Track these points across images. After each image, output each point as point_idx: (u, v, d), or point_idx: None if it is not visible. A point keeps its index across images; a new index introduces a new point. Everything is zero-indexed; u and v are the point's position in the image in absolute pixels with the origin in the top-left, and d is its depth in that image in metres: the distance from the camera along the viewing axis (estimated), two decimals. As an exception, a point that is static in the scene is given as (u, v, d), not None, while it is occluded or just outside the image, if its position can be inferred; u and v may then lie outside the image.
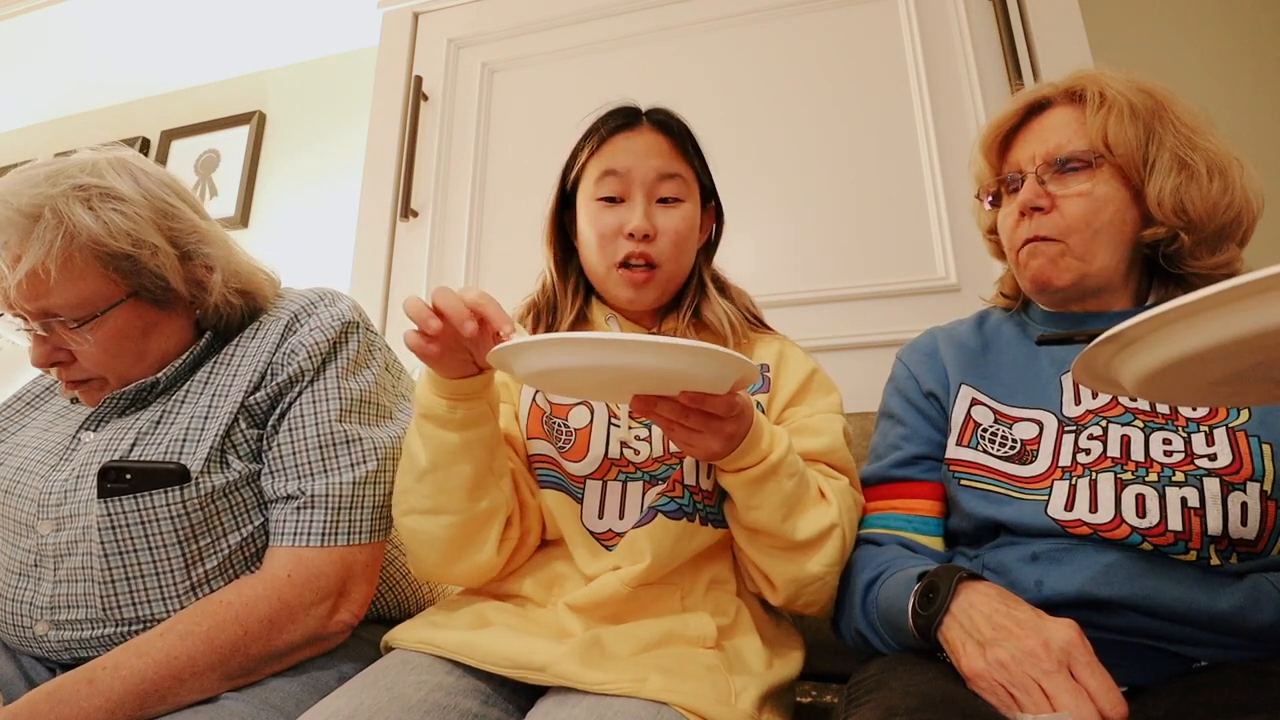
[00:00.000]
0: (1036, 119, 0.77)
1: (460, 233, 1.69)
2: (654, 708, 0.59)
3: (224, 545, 0.74)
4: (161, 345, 0.78)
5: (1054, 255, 0.73)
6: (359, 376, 0.80)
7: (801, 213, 1.49)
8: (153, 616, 0.71)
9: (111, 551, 0.70)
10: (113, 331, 0.74)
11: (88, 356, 0.75)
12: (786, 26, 1.61)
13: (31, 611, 0.73)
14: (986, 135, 0.81)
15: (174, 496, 0.71)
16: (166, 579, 0.71)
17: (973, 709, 0.50)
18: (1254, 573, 0.61)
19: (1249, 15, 1.52)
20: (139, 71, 2.31)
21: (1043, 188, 0.74)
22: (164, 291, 0.76)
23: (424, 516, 0.71)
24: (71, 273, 0.71)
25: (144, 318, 0.76)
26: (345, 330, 0.80)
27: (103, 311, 0.73)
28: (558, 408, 0.81)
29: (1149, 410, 0.69)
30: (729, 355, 0.53)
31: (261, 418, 0.77)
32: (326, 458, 0.75)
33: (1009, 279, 0.85)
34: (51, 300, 0.71)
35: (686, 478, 0.76)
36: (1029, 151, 0.76)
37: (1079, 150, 0.73)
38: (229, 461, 0.75)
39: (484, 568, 0.74)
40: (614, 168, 0.81)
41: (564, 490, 0.78)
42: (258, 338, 0.80)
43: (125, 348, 0.76)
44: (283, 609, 0.70)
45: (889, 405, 0.85)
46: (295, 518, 0.73)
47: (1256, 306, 0.33)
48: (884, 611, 0.67)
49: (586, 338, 0.54)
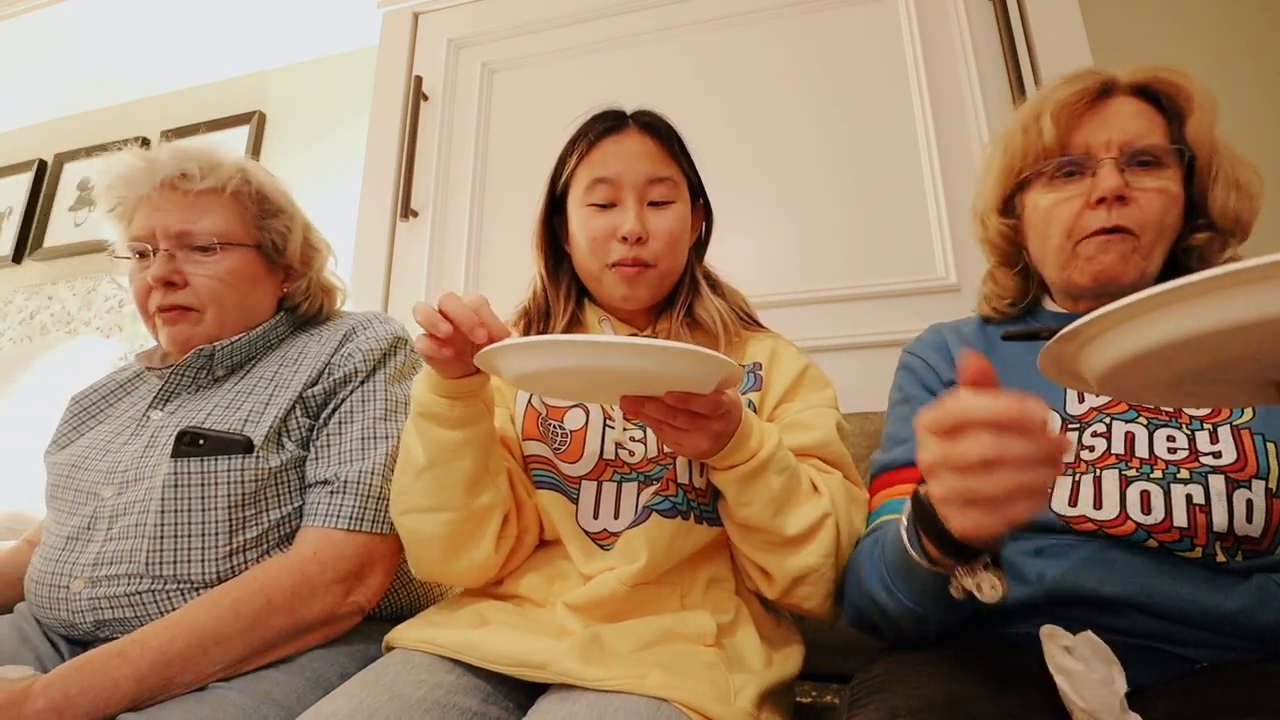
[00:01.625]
0: (1103, 103, 0.73)
1: (460, 233, 1.69)
2: (654, 704, 0.59)
3: (265, 519, 0.79)
4: (254, 304, 0.91)
5: (1126, 251, 0.70)
6: (404, 385, 0.88)
7: (801, 213, 1.49)
8: (189, 576, 0.76)
9: (169, 509, 0.76)
10: (232, 267, 0.87)
11: (201, 284, 0.86)
12: (786, 26, 1.61)
13: (73, 570, 0.77)
14: (1064, 101, 0.72)
15: (235, 464, 0.78)
16: (210, 541, 0.76)
17: (978, 711, 0.50)
18: (1259, 572, 0.61)
19: (1249, 16, 1.52)
20: (139, 71, 2.31)
21: (1123, 176, 0.69)
22: (279, 254, 0.92)
23: (423, 515, 0.72)
24: (234, 206, 0.88)
25: (255, 269, 0.90)
26: (395, 344, 0.91)
27: (233, 245, 0.87)
28: (553, 410, 0.81)
29: (1152, 408, 0.69)
30: (708, 355, 0.53)
31: (315, 410, 0.85)
32: (365, 449, 0.82)
33: (1006, 285, 0.82)
34: (201, 224, 0.86)
35: (680, 476, 0.76)
36: (1102, 135, 0.71)
37: (1157, 145, 0.70)
38: (284, 444, 0.82)
39: (482, 565, 0.74)
40: (604, 175, 0.81)
41: (560, 491, 0.78)
42: (320, 341, 0.90)
43: (234, 287, 0.87)
44: (305, 583, 0.74)
45: (909, 392, 0.82)
46: (328, 500, 0.79)
47: (1202, 306, 0.33)
48: (890, 560, 0.64)
49: (570, 340, 0.55)
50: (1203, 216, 0.72)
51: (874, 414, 1.17)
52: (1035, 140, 0.74)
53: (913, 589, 0.61)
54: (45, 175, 2.42)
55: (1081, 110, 0.72)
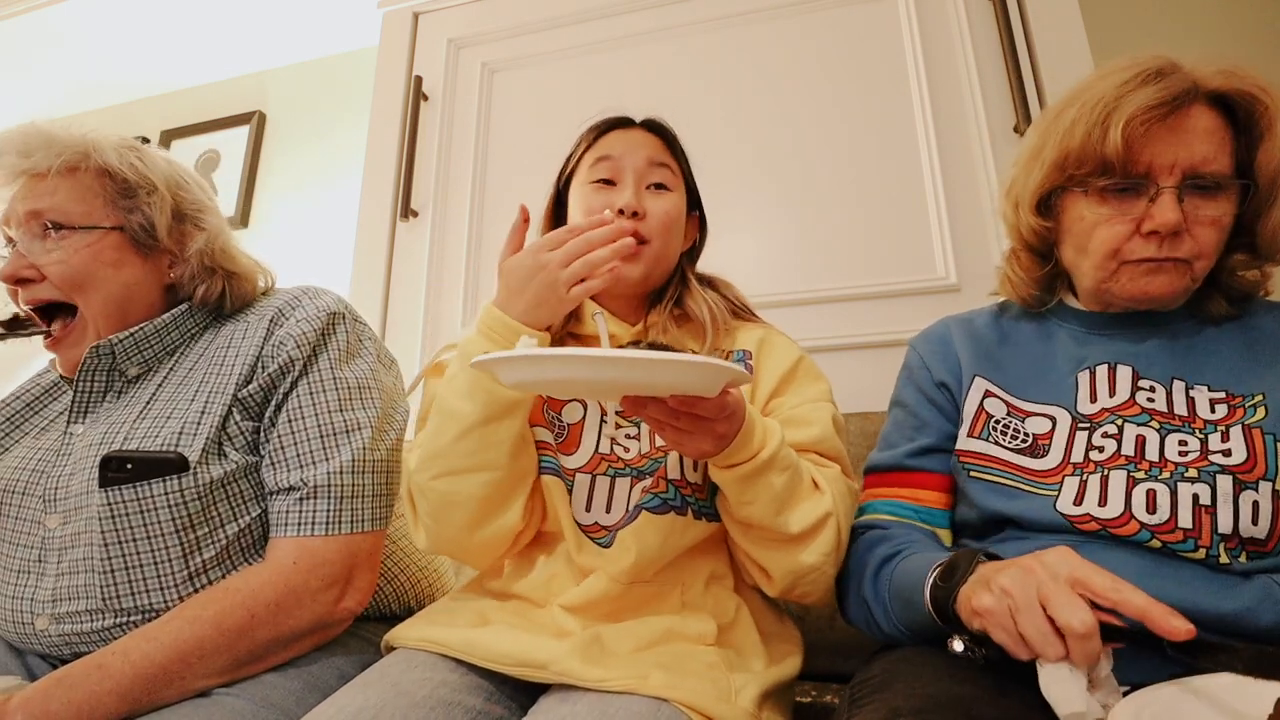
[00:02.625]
0: (1178, 115, 0.66)
1: (460, 233, 1.69)
2: (654, 704, 0.60)
3: (221, 536, 0.74)
4: (130, 291, 0.81)
5: (1176, 276, 0.68)
6: (353, 365, 0.81)
7: (801, 213, 1.49)
8: (150, 606, 0.72)
9: (111, 541, 0.71)
10: (85, 252, 0.78)
11: (57, 274, 0.77)
12: (786, 26, 1.61)
13: (33, 607, 0.73)
14: (1139, 113, 0.64)
15: (173, 485, 0.72)
16: (165, 568, 0.72)
17: (978, 711, 0.50)
18: (1261, 574, 0.61)
19: (1250, 16, 1.52)
20: (139, 71, 2.31)
21: (1181, 207, 0.65)
22: (148, 237, 0.81)
23: (460, 477, 0.71)
24: (72, 181, 0.78)
25: (120, 252, 0.80)
26: (331, 320, 0.82)
27: (84, 227, 0.78)
28: (553, 402, 0.81)
29: (1165, 411, 0.68)
30: (717, 365, 0.53)
31: (256, 410, 0.78)
32: (328, 447, 0.76)
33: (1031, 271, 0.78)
34: (44, 202, 0.77)
35: (670, 473, 0.76)
36: (1168, 156, 0.65)
37: (1222, 172, 0.66)
38: (226, 453, 0.76)
39: (506, 534, 0.74)
40: (607, 154, 0.84)
41: (559, 478, 0.78)
42: (245, 331, 0.82)
43: (93, 272, 0.78)
44: (290, 594, 0.71)
45: (901, 395, 0.83)
46: (299, 508, 0.74)
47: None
48: (897, 588, 0.66)
49: (573, 354, 0.54)
50: (1246, 238, 0.70)
51: (874, 414, 1.17)
52: (1097, 147, 0.67)
53: (912, 624, 0.65)
54: (45, 175, 2.42)
55: (1155, 123, 0.65)
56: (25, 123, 0.79)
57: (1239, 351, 0.70)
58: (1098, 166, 0.68)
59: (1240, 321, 0.73)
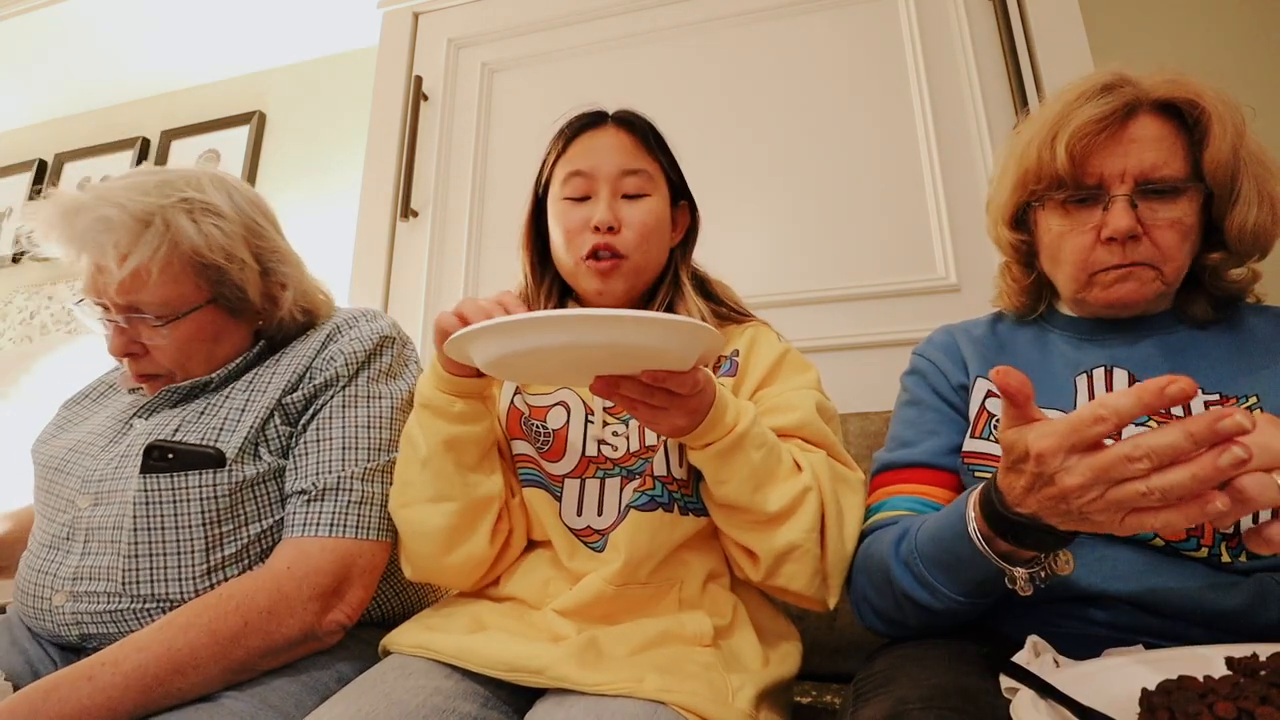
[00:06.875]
0: (1123, 126, 0.70)
1: (460, 233, 1.69)
2: (651, 707, 0.59)
3: (243, 534, 0.76)
4: (226, 351, 0.85)
5: (1146, 279, 0.70)
6: (392, 384, 0.84)
7: (801, 213, 1.49)
8: (167, 596, 0.74)
9: (141, 527, 0.74)
10: (188, 332, 0.81)
11: (162, 352, 0.81)
12: (786, 26, 1.61)
13: (54, 582, 0.75)
14: (1081, 129, 0.69)
15: (207, 479, 0.75)
16: (186, 559, 0.74)
17: (985, 701, 0.50)
18: (1260, 572, 0.61)
19: (1250, 16, 1.51)
20: (139, 71, 2.31)
21: (1134, 212, 0.68)
22: (241, 302, 0.83)
23: (425, 506, 0.72)
24: (168, 276, 0.78)
25: (216, 323, 0.83)
26: (382, 343, 0.85)
27: (185, 314, 0.80)
28: (536, 410, 0.81)
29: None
30: (684, 323, 0.52)
31: (295, 416, 0.81)
32: (346, 458, 0.78)
33: (1021, 282, 0.81)
34: (143, 297, 0.78)
35: (657, 469, 0.76)
36: (1117, 166, 0.69)
37: (1174, 176, 0.68)
38: (260, 454, 0.78)
39: (478, 560, 0.74)
40: (579, 168, 0.83)
41: (544, 488, 0.79)
42: (303, 345, 0.86)
43: (196, 349, 0.82)
44: (281, 600, 0.71)
45: (918, 394, 0.82)
46: (305, 510, 0.76)
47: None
48: (925, 542, 0.63)
49: (539, 317, 0.52)
50: (1218, 238, 0.71)
51: (874, 414, 1.17)
52: (1049, 163, 0.71)
53: (960, 582, 0.61)
54: (45, 175, 2.42)
55: (1099, 136, 0.69)
56: (91, 194, 0.76)
57: (1230, 354, 0.71)
58: (1053, 182, 0.72)
59: (1229, 324, 0.73)
